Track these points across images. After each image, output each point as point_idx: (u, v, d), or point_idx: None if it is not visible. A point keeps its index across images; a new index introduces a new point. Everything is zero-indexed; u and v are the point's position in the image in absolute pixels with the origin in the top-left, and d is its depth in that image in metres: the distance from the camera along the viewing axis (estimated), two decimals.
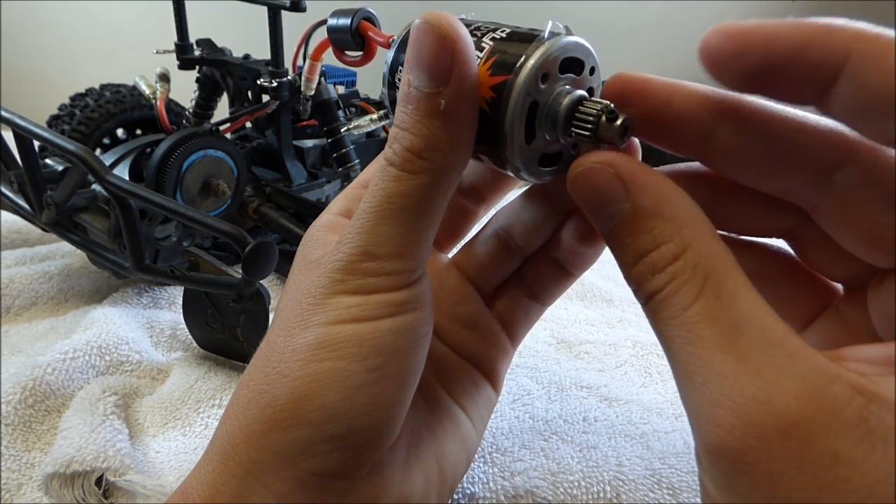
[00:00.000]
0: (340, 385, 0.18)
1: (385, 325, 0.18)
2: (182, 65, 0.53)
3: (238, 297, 0.36)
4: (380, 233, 0.18)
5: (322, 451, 0.18)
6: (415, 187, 0.18)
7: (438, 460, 0.22)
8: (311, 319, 0.19)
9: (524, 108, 0.18)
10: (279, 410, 0.18)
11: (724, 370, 0.14)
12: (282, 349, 0.19)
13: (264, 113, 0.49)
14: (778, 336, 0.14)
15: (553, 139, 0.19)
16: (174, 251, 0.41)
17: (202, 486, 0.19)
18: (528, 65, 0.18)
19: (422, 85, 0.17)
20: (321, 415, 0.18)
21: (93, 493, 0.27)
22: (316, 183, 0.54)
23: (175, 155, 0.43)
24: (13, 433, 0.32)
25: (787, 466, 0.13)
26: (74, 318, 0.43)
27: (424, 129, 0.17)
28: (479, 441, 0.25)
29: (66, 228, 0.41)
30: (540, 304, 0.26)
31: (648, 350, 0.39)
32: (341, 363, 0.18)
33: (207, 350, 0.40)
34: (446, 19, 0.17)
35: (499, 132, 0.18)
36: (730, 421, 0.14)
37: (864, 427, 0.13)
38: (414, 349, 0.19)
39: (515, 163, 0.19)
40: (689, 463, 0.27)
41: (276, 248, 0.33)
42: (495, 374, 0.26)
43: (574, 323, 0.44)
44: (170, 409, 0.34)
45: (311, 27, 0.47)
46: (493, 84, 0.18)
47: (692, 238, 0.16)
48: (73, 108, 0.54)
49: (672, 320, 0.15)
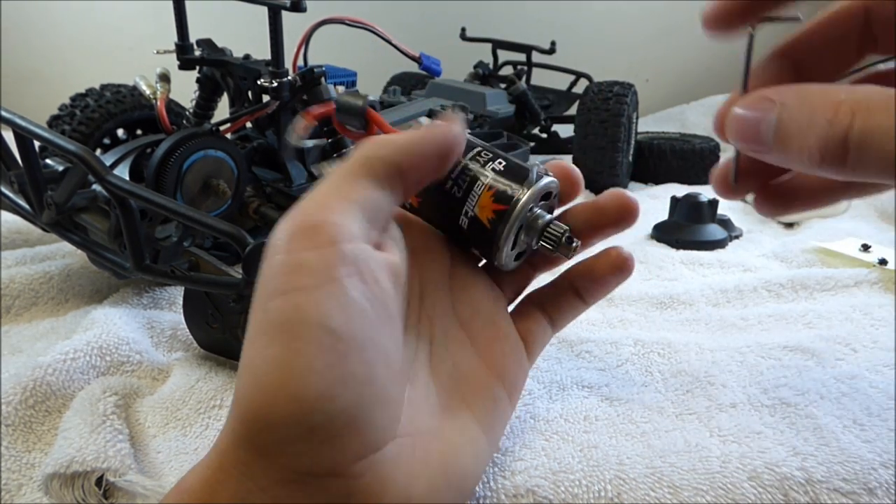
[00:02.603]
0: (299, 371, 0.17)
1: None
2: (182, 65, 0.52)
3: (238, 298, 0.36)
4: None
5: (307, 448, 0.17)
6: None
7: (446, 469, 0.22)
8: (259, 303, 0.20)
9: (516, 231, 0.26)
10: (250, 403, 0.18)
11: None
12: (249, 340, 0.20)
13: (264, 113, 0.49)
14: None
15: (525, 243, 0.27)
16: (174, 251, 0.41)
17: (200, 484, 0.19)
18: (521, 202, 0.25)
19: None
20: (292, 406, 0.17)
21: (93, 493, 0.27)
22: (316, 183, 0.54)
23: (175, 155, 0.43)
24: (13, 433, 0.32)
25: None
26: (75, 319, 0.43)
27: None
28: (490, 455, 0.25)
29: (67, 228, 0.41)
30: (553, 329, 0.30)
31: (649, 349, 0.39)
32: (296, 345, 0.18)
33: (208, 350, 0.40)
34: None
35: (494, 243, 0.26)
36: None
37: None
38: (372, 318, 0.20)
39: (501, 261, 0.27)
40: (689, 461, 0.27)
41: None
42: (513, 388, 0.27)
43: (575, 322, 0.44)
44: (170, 409, 0.34)
45: (311, 27, 0.47)
46: (495, 209, 0.25)
47: (842, 89, 0.18)
48: (74, 108, 0.54)
49: (887, 138, 0.17)
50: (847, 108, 0.18)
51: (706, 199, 0.62)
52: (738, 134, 0.21)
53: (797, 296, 0.48)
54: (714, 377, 0.35)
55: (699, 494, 0.26)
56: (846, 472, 0.27)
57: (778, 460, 0.27)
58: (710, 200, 0.63)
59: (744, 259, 0.57)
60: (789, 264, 0.55)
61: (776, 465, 0.27)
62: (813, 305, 0.46)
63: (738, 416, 0.31)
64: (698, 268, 0.55)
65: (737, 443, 0.29)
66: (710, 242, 0.60)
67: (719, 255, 0.58)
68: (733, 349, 0.39)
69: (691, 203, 0.62)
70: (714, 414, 0.31)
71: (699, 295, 0.48)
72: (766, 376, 0.35)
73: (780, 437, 0.29)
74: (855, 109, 0.18)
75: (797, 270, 0.51)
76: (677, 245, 0.60)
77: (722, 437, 0.29)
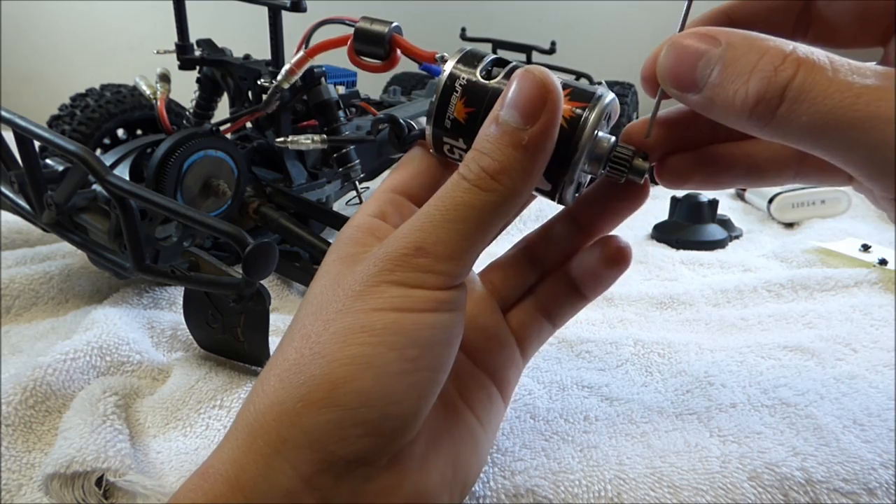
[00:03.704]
0: (377, 371, 0.19)
1: (425, 319, 0.20)
2: (182, 65, 0.53)
3: (239, 298, 0.36)
4: (439, 234, 0.20)
5: (352, 436, 0.18)
6: (482, 202, 0.20)
7: (454, 462, 0.23)
8: (353, 306, 0.20)
9: (593, 138, 0.22)
10: (314, 389, 0.19)
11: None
12: (319, 332, 0.20)
13: (264, 113, 0.49)
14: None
15: (589, 172, 0.23)
16: (174, 251, 0.41)
17: (225, 465, 0.19)
18: (599, 105, 0.22)
19: (511, 120, 0.20)
20: (356, 398, 0.18)
21: (93, 493, 0.27)
22: (316, 183, 0.54)
23: (175, 155, 0.43)
24: (14, 434, 0.32)
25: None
26: (75, 319, 0.43)
27: (503, 156, 0.20)
28: (489, 450, 0.26)
29: (67, 229, 0.41)
30: (551, 325, 0.28)
31: (649, 349, 0.39)
32: (380, 349, 0.19)
33: (208, 350, 0.40)
34: (547, 74, 0.20)
35: (569, 154, 0.22)
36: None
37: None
38: (447, 347, 0.20)
39: (571, 179, 0.22)
40: (689, 461, 0.27)
41: (277, 249, 0.33)
42: (505, 386, 0.27)
43: (575, 322, 0.44)
44: (171, 409, 0.34)
45: (311, 27, 0.47)
46: (573, 108, 0.22)
47: (790, 43, 0.18)
48: (74, 108, 0.54)
49: (829, 90, 0.17)
50: (794, 58, 0.17)
51: (706, 200, 0.62)
52: (671, 70, 0.20)
53: (797, 296, 0.48)
54: (714, 377, 0.35)
55: (699, 494, 0.26)
56: (846, 472, 0.27)
57: (778, 460, 0.27)
58: (711, 201, 0.63)
59: (744, 259, 0.57)
60: (789, 264, 0.55)
61: (776, 465, 0.27)
62: (813, 305, 0.46)
63: (737, 417, 0.31)
64: (698, 268, 0.55)
65: (737, 443, 0.29)
66: (710, 242, 0.60)
67: (719, 255, 0.58)
68: (733, 349, 0.39)
69: (691, 203, 0.62)
70: (714, 414, 0.31)
71: (699, 295, 0.48)
72: (765, 376, 0.35)
73: (779, 438, 0.29)
74: (801, 62, 0.17)
75: (797, 270, 0.51)
76: (677, 245, 0.60)
77: (722, 437, 0.29)
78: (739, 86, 0.18)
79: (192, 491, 0.19)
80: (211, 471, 0.19)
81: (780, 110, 0.17)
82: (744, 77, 0.18)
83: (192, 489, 0.19)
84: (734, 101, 0.18)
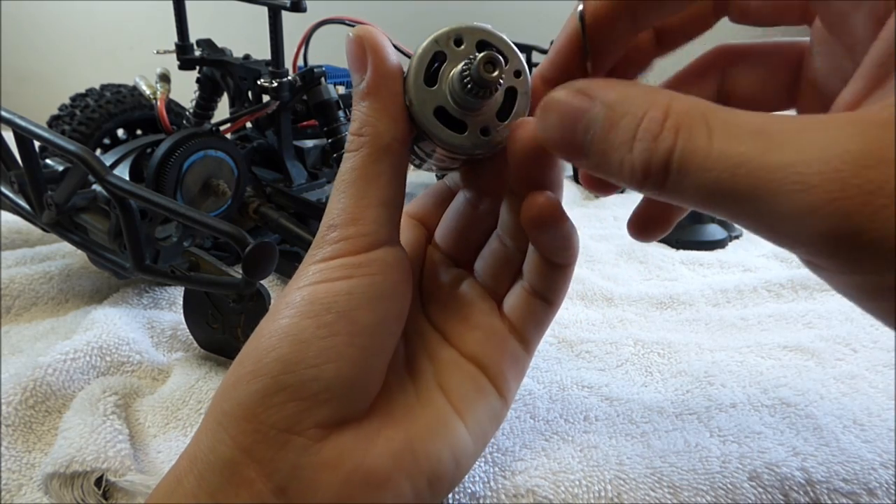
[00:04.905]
0: (294, 338, 0.20)
1: (339, 287, 0.21)
2: (182, 65, 0.53)
3: (239, 298, 0.36)
4: (338, 205, 0.22)
5: (277, 402, 0.20)
6: (358, 160, 0.21)
7: (411, 446, 0.22)
8: (286, 291, 0.21)
9: (421, 72, 0.21)
10: (245, 363, 0.21)
11: (785, 159, 0.14)
12: (263, 320, 0.22)
13: (264, 113, 0.49)
14: (803, 118, 0.15)
15: (458, 106, 0.22)
16: (174, 251, 0.41)
17: (189, 445, 0.21)
18: (425, 43, 0.22)
19: (355, 83, 0.22)
20: (277, 365, 0.20)
21: (93, 493, 0.27)
22: (316, 183, 0.54)
23: (175, 155, 0.43)
24: (13, 434, 0.32)
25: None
26: (75, 319, 0.43)
27: (357, 113, 0.21)
28: (474, 447, 0.24)
29: (67, 229, 0.41)
30: (546, 304, 0.26)
31: (649, 349, 0.39)
32: (295, 319, 0.20)
33: (208, 350, 0.40)
34: (365, 28, 0.21)
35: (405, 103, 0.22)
36: (826, 181, 0.14)
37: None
38: (368, 310, 0.21)
39: (432, 127, 0.21)
40: (689, 461, 0.27)
41: (277, 249, 0.33)
42: (502, 380, 0.25)
43: (575, 322, 0.44)
44: (170, 409, 0.34)
45: (311, 27, 0.47)
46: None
47: (668, 97, 0.17)
48: (74, 108, 0.54)
49: (707, 162, 0.15)
50: (672, 123, 0.16)
51: None
52: (556, 139, 0.19)
53: (797, 296, 0.48)
54: (714, 377, 0.35)
55: (699, 494, 0.26)
56: (846, 472, 0.27)
57: (778, 460, 0.27)
58: None
59: (744, 259, 0.57)
60: (789, 264, 0.55)
61: (776, 465, 0.27)
62: (813, 305, 0.46)
63: (737, 417, 0.31)
64: (698, 268, 0.55)
65: (737, 443, 0.29)
66: (710, 242, 0.60)
67: (719, 255, 0.58)
68: (733, 349, 0.39)
69: None
70: (714, 414, 0.31)
71: (699, 295, 0.48)
72: (765, 376, 0.35)
73: (779, 438, 0.29)
74: (679, 127, 0.16)
75: (797, 270, 0.51)
76: (677, 245, 0.60)
77: (722, 437, 0.29)
78: (624, 154, 0.17)
79: (168, 472, 0.21)
80: (181, 455, 0.21)
81: (668, 181, 0.16)
82: (626, 146, 0.17)
83: (169, 472, 0.21)
84: (622, 170, 0.17)
